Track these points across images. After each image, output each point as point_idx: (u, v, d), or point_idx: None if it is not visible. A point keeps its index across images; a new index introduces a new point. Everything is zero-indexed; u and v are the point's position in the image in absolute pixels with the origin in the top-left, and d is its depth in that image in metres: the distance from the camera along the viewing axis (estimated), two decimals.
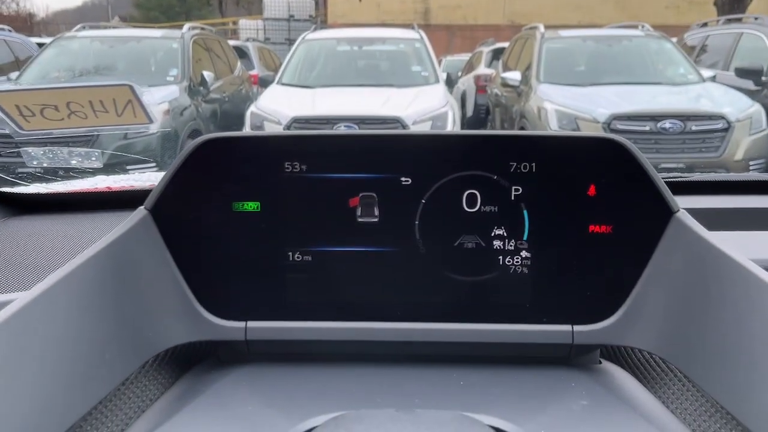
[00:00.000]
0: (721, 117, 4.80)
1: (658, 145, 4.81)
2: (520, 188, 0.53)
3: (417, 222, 0.54)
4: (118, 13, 27.40)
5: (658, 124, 4.79)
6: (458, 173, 0.53)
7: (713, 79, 5.68)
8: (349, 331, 0.55)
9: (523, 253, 0.54)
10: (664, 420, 0.50)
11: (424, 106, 5.02)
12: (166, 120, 5.18)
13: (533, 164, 0.53)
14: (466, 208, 0.54)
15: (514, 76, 6.07)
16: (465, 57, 11.94)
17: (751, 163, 4.77)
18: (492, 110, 7.13)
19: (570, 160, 0.53)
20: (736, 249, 0.48)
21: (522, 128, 5.66)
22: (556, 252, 0.54)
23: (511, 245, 0.54)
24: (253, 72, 8.47)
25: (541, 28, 6.30)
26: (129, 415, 0.52)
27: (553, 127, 5.05)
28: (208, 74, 6.20)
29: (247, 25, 19.48)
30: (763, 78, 5.66)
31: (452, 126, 4.95)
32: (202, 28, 7.21)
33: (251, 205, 0.54)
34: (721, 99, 5.13)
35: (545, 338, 0.54)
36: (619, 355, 0.61)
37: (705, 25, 7.49)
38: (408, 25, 6.93)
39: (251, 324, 0.55)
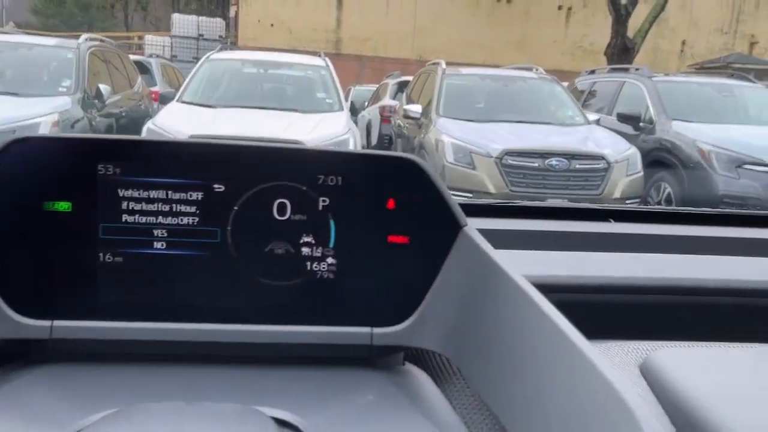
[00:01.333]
0: (602, 158, 5.15)
1: (546, 181, 5.08)
2: (327, 199, 0.57)
3: (229, 228, 0.56)
4: (14, 19, 25.93)
5: (546, 161, 5.07)
6: (269, 183, 0.56)
7: (597, 122, 6.09)
8: (158, 332, 0.56)
9: (329, 260, 0.57)
10: (441, 412, 0.54)
11: (327, 132, 5.06)
12: (55, 132, 4.94)
13: (339, 178, 0.56)
14: (277, 216, 0.56)
15: (415, 108, 6.25)
16: (374, 87, 12.17)
17: (627, 201, 5.13)
18: (395, 140, 7.29)
19: (372, 176, 0.57)
20: (509, 262, 0.53)
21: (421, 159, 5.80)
22: (358, 259, 0.57)
23: (318, 252, 0.57)
24: (155, 88, 8.24)
25: (443, 64, 6.54)
26: None
27: (449, 160, 5.23)
28: (104, 87, 5.97)
29: (154, 41, 18.95)
30: (641, 124, 6.13)
31: None
32: (101, 40, 6.97)
33: (62, 206, 0.54)
34: (603, 141, 5.50)
35: (346, 339, 0.57)
36: (421, 357, 0.65)
37: (593, 72, 8.04)
38: (315, 52, 7.00)
39: (57, 323, 0.55)
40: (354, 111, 6.72)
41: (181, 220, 0.56)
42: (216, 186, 0.55)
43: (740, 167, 5.15)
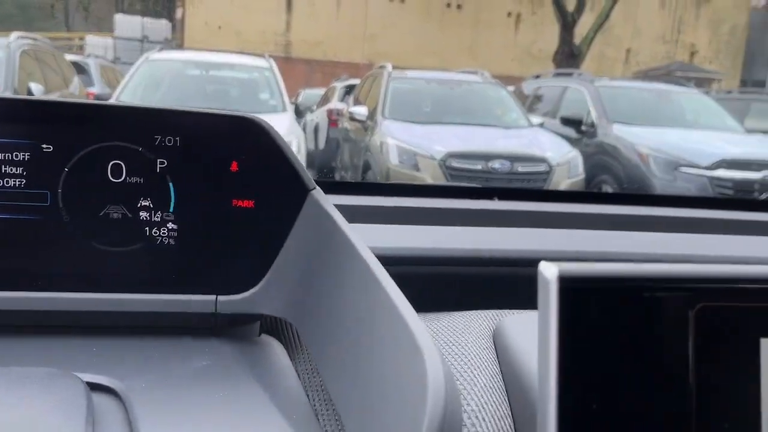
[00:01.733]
0: (544, 160, 5.21)
1: (489, 183, 5.10)
2: (165, 161, 0.53)
3: (60, 190, 0.52)
4: None
5: (489, 164, 5.10)
6: (102, 143, 0.53)
7: (541, 125, 6.17)
8: None
9: (170, 225, 0.54)
10: (281, 378, 0.52)
11: None
12: None
13: (177, 138, 0.53)
14: (112, 179, 0.53)
15: (360, 110, 6.22)
16: (323, 91, 12.12)
17: None
18: (341, 143, 7.25)
19: (213, 137, 0.54)
20: (366, 233, 0.51)
21: (366, 161, 5.78)
22: (201, 224, 0.55)
23: (157, 217, 0.54)
24: (93, 89, 8.02)
25: (389, 67, 6.53)
26: None
27: (393, 162, 5.21)
28: (36, 86, 5.77)
29: (95, 42, 18.38)
30: (583, 127, 6.24)
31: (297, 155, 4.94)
32: (35, 39, 6.73)
33: None
34: (545, 144, 5.57)
35: (189, 308, 0.54)
36: (280, 329, 0.63)
37: (538, 77, 8.18)
38: (263, 56, 6.89)
39: None
40: (298, 113, 6.62)
41: (7, 182, 0.52)
42: (44, 146, 0.52)
43: (676, 170, 5.28)
